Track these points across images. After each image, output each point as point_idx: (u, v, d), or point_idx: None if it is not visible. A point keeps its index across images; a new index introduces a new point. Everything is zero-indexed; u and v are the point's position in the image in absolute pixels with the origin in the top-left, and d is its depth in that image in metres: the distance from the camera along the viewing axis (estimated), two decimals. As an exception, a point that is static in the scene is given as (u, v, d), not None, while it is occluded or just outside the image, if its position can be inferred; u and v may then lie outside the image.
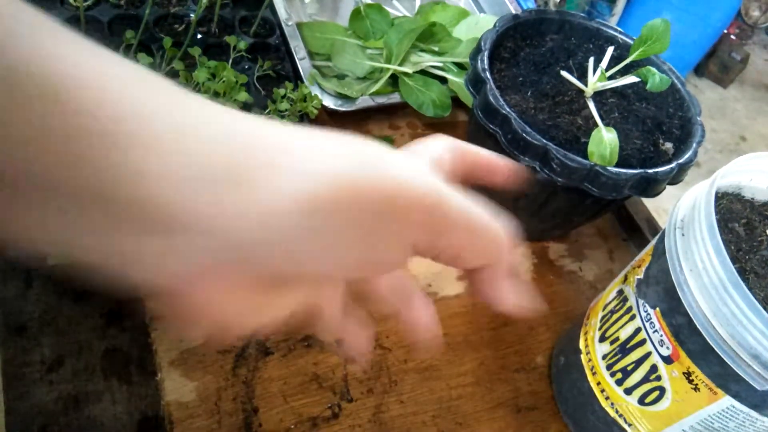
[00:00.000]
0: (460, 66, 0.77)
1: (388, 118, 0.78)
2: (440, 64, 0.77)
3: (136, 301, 0.54)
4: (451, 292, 0.64)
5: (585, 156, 0.54)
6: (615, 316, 0.50)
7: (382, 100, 0.73)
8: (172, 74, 0.65)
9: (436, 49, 0.79)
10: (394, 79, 0.75)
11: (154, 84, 0.19)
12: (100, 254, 0.19)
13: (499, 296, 0.25)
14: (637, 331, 0.46)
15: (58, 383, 0.48)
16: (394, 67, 0.74)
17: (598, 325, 0.52)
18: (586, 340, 0.54)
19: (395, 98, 0.74)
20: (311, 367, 0.54)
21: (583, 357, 0.53)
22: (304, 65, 0.72)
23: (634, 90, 0.64)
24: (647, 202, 0.74)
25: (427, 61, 0.76)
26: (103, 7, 0.70)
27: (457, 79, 0.75)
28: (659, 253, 0.45)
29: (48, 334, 0.51)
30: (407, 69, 0.74)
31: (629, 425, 0.49)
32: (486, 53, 0.60)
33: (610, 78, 0.61)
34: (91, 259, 0.19)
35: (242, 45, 0.69)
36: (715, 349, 0.39)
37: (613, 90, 0.63)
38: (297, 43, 0.74)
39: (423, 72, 0.76)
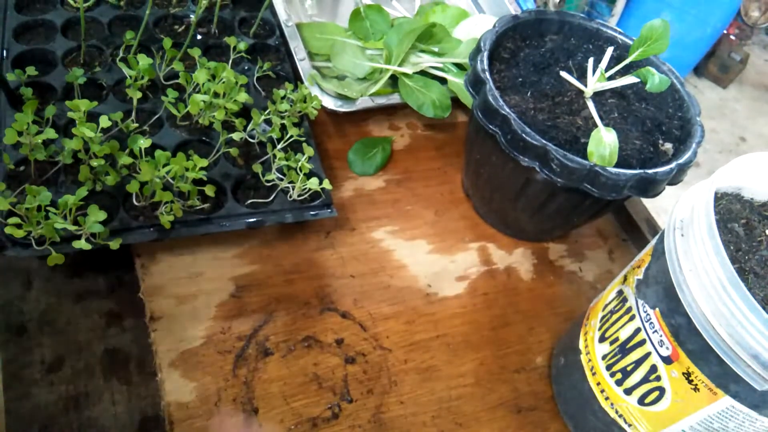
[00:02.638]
0: (459, 67, 0.77)
1: (387, 119, 0.78)
2: (440, 65, 0.77)
3: (137, 301, 0.54)
4: (451, 293, 0.64)
5: (585, 156, 0.54)
6: (615, 317, 0.50)
7: (381, 100, 0.73)
8: (172, 75, 0.66)
9: (436, 49, 0.79)
10: (394, 80, 0.75)
11: None
12: None
13: None
14: (637, 331, 0.46)
15: (58, 384, 0.48)
16: (393, 67, 0.74)
17: (598, 325, 0.52)
18: (585, 340, 0.54)
19: (395, 99, 0.74)
20: (311, 368, 0.55)
21: (582, 357, 0.53)
22: (304, 66, 0.72)
23: (634, 90, 0.64)
24: (647, 202, 0.74)
25: (426, 61, 0.77)
26: (103, 7, 0.71)
27: (456, 80, 0.75)
28: (659, 253, 0.45)
29: (48, 335, 0.51)
30: (407, 70, 0.74)
31: (629, 425, 0.49)
32: (485, 54, 0.60)
33: (610, 78, 0.61)
34: None
35: (242, 46, 0.69)
36: (715, 349, 0.39)
37: (613, 90, 0.63)
38: (297, 43, 0.74)
39: (423, 73, 0.76)
